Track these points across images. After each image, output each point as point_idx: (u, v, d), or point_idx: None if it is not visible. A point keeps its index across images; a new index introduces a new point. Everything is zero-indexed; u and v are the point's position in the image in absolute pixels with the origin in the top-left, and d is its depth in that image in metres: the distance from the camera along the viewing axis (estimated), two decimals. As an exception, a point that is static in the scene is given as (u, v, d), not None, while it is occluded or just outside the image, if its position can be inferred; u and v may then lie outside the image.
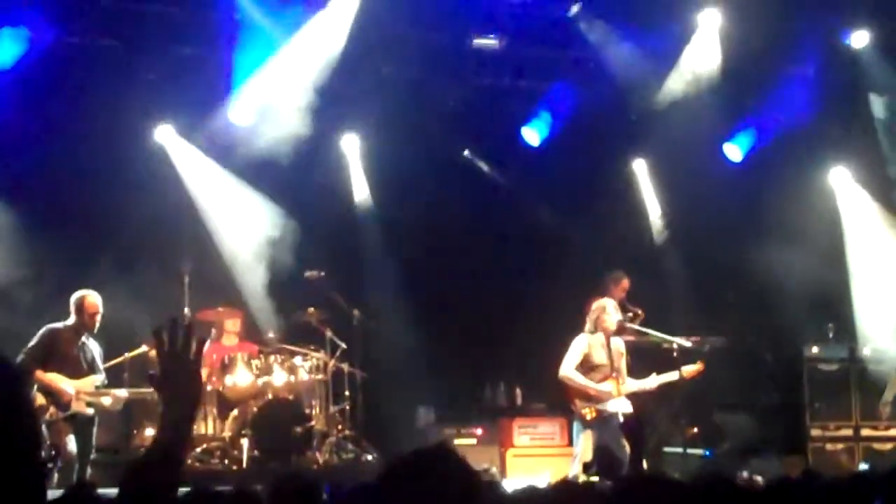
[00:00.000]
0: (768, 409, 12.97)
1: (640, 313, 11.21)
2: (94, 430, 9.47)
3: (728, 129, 13.40)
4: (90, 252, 11.14)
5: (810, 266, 12.32)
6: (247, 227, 12.20)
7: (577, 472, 9.71)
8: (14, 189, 11.03)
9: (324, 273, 11.62)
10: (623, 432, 10.00)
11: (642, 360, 10.64)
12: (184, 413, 2.83)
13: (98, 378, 9.54)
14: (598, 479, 9.18)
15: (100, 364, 9.64)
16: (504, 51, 12.49)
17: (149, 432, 10.68)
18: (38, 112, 11.16)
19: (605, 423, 9.95)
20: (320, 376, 11.41)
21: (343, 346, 11.59)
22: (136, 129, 11.77)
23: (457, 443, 11.61)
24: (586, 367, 9.97)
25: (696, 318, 12.10)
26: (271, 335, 11.59)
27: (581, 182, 12.97)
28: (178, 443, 2.82)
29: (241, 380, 11.05)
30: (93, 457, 9.45)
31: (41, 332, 9.32)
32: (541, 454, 11.85)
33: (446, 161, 13.20)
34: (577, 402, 9.95)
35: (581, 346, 10.02)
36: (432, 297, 12.76)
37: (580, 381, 9.90)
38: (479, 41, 12.36)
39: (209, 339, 11.07)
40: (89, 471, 9.32)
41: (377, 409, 11.84)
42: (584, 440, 9.92)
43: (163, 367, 2.83)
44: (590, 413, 9.90)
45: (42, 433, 8.53)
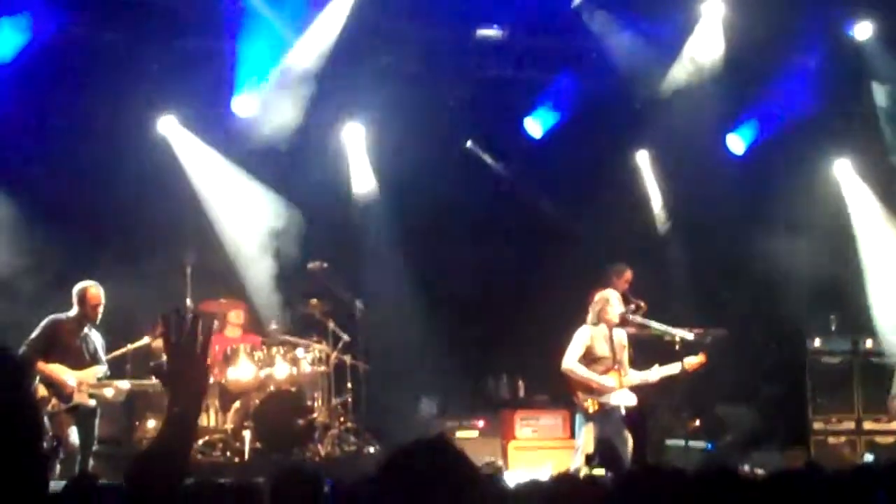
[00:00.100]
0: (770, 401, 12.93)
1: (643, 305, 11.18)
2: (97, 421, 9.48)
3: (731, 119, 13.39)
4: (92, 243, 11.13)
5: (813, 258, 12.30)
6: (250, 219, 12.20)
7: (580, 464, 9.69)
8: (16, 180, 11.03)
9: (326, 264, 11.60)
10: (625, 425, 9.98)
11: (644, 352, 10.62)
12: (190, 406, 2.83)
13: (100, 369, 9.54)
14: (600, 472, 9.18)
15: (102, 355, 9.64)
16: (507, 42, 12.49)
17: (151, 424, 10.69)
18: (41, 103, 11.17)
19: (607, 416, 9.92)
20: (322, 368, 11.40)
21: (345, 337, 11.57)
22: (139, 120, 11.76)
23: (459, 435, 11.63)
24: (589, 359, 9.95)
25: (699, 310, 12.07)
26: (274, 326, 11.58)
27: (584, 173, 12.96)
28: (183, 436, 2.82)
29: (243, 372, 11.05)
30: (95, 448, 9.46)
31: (43, 323, 9.31)
32: (543, 447, 11.84)
33: (449, 152, 13.19)
34: (580, 395, 9.92)
35: (584, 338, 9.99)
36: (435, 288, 12.75)
37: (583, 373, 9.88)
38: (482, 32, 12.37)
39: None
40: (91, 462, 9.33)
41: (379, 401, 11.80)
42: (587, 433, 9.89)
43: (171, 360, 2.83)
44: (592, 405, 9.87)
45: (44, 424, 8.51)
